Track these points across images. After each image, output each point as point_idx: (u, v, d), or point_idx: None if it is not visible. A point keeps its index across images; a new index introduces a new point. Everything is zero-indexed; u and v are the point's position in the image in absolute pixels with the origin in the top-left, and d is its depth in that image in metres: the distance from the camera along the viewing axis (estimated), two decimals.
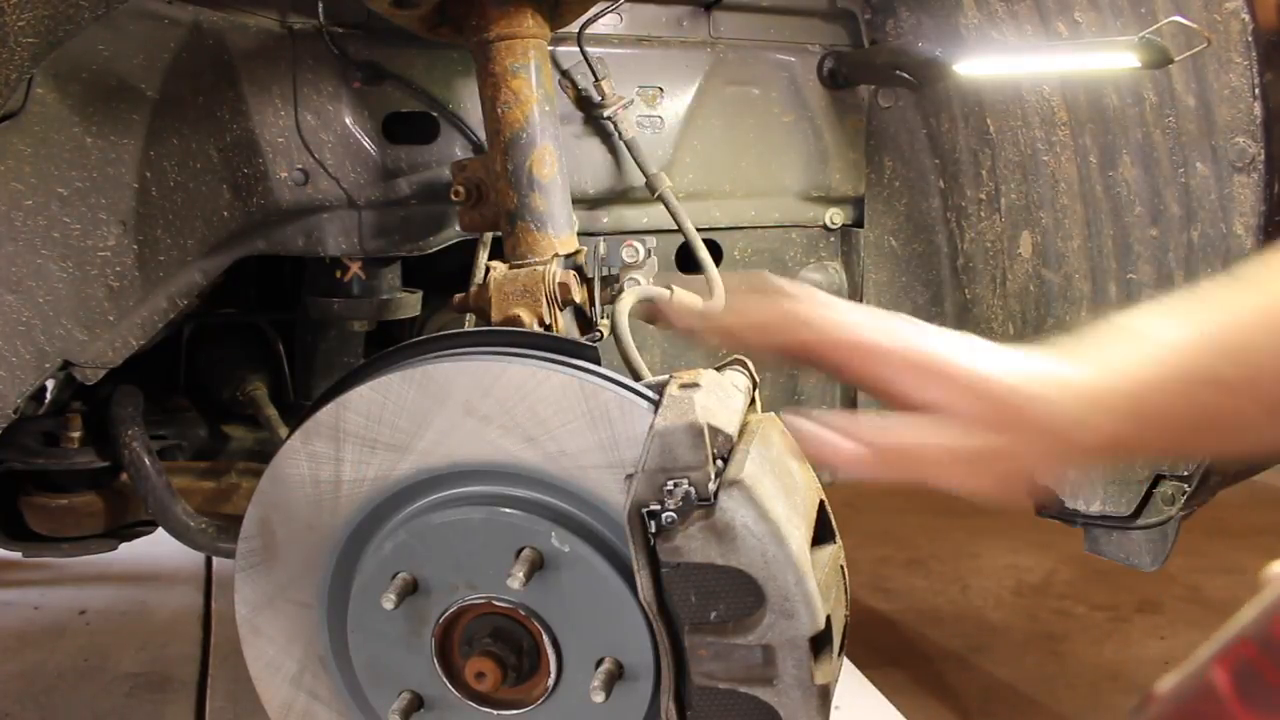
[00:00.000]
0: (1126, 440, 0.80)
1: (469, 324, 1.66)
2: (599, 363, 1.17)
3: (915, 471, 0.84)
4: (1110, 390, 0.80)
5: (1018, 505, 0.85)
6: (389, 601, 1.16)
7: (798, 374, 1.96)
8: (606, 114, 1.72)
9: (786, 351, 0.90)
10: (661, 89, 1.80)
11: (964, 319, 1.95)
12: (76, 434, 1.74)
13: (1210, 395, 0.75)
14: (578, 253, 1.47)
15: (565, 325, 1.42)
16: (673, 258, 1.84)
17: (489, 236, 1.67)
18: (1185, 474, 1.64)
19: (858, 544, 3.33)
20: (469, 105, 1.66)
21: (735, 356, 1.25)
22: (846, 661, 1.53)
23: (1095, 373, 0.82)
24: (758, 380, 1.25)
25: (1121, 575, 2.94)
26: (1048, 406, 0.80)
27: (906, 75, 1.78)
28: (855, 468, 0.83)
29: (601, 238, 1.53)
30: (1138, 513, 1.69)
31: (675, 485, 0.99)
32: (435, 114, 1.66)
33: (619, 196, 1.79)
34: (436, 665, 1.19)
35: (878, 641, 2.92)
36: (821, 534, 1.15)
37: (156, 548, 2.10)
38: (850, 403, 1.99)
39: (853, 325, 0.86)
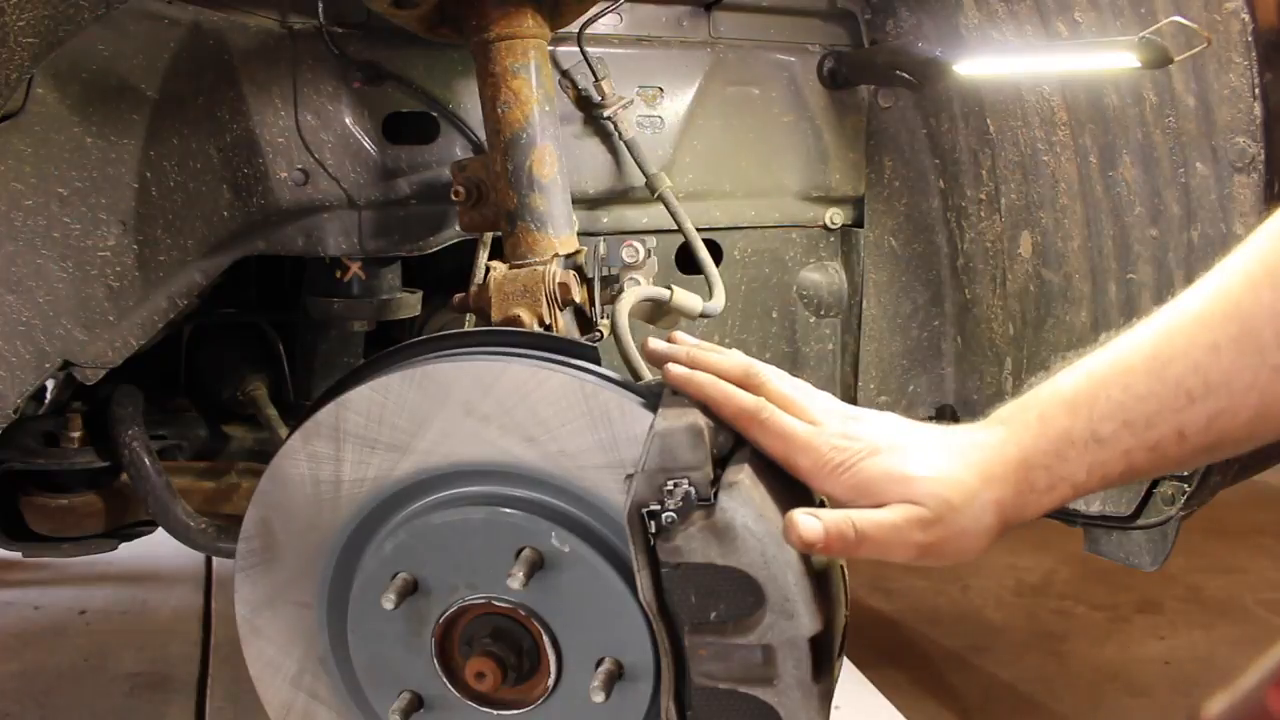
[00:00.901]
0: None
1: (469, 324, 1.66)
2: (599, 363, 1.17)
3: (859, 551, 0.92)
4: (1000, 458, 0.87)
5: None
6: (389, 601, 1.16)
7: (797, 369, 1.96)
8: (606, 114, 1.72)
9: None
10: (661, 89, 1.80)
11: (964, 319, 1.95)
12: (76, 434, 1.73)
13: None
14: (578, 253, 1.47)
15: (565, 325, 1.42)
16: (673, 258, 1.84)
17: (489, 236, 1.67)
18: (1185, 474, 1.64)
19: None
20: (469, 105, 1.66)
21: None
22: (846, 661, 1.53)
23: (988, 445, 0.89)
24: None
25: (1121, 575, 2.94)
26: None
27: (906, 75, 1.78)
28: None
29: (601, 238, 1.53)
30: (1138, 513, 1.69)
31: (675, 485, 0.99)
32: (435, 114, 1.66)
33: (619, 196, 1.79)
34: (436, 665, 1.19)
35: (878, 641, 2.92)
36: None
37: (156, 548, 2.10)
38: (850, 400, 1.99)
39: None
